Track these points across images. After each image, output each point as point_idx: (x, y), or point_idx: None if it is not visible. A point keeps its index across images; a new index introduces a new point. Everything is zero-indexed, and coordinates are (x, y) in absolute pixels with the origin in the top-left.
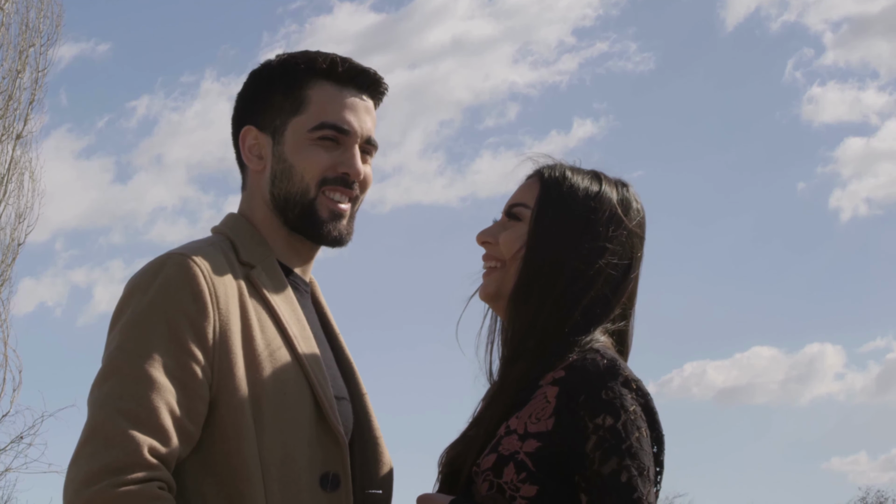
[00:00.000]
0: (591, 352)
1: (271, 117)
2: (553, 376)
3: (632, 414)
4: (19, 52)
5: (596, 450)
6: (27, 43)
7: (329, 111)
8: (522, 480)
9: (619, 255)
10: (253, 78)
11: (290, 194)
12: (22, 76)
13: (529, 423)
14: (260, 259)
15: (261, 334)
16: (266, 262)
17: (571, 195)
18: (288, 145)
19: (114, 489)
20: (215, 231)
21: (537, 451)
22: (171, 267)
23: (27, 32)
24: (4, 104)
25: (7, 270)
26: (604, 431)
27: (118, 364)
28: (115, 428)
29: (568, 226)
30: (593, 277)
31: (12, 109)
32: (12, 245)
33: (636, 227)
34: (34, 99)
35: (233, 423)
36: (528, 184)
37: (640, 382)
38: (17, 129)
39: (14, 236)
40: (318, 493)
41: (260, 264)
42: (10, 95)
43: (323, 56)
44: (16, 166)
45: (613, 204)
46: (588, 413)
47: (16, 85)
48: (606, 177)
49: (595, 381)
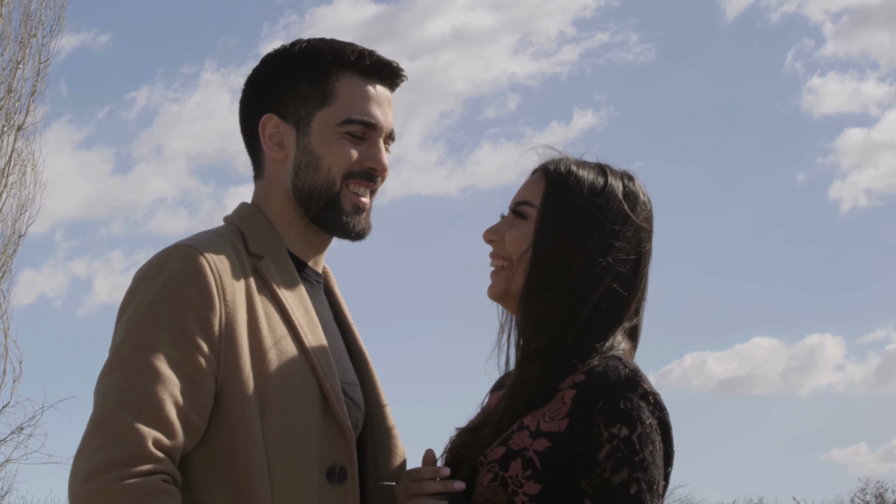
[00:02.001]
0: (612, 359)
1: (295, 107)
2: (573, 380)
3: (647, 427)
4: (20, 42)
5: (608, 459)
6: (28, 34)
7: (357, 106)
8: (527, 477)
9: (627, 251)
10: (271, 64)
11: (316, 186)
12: (23, 67)
13: (542, 422)
14: (269, 250)
15: (267, 326)
16: (276, 252)
17: (577, 192)
18: (314, 137)
19: (118, 482)
20: (227, 220)
21: (547, 450)
22: (177, 259)
23: (29, 23)
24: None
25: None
26: (618, 441)
27: (124, 356)
28: (119, 421)
29: (574, 223)
30: (602, 274)
31: (13, 101)
32: (13, 237)
33: (643, 222)
34: (35, 90)
35: (238, 415)
36: (533, 180)
37: (659, 396)
38: (18, 120)
39: (15, 228)
40: (324, 485)
41: (269, 255)
42: (10, 87)
43: (350, 47)
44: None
45: (619, 199)
46: (604, 421)
47: (16, 76)
48: (612, 170)
49: (614, 390)
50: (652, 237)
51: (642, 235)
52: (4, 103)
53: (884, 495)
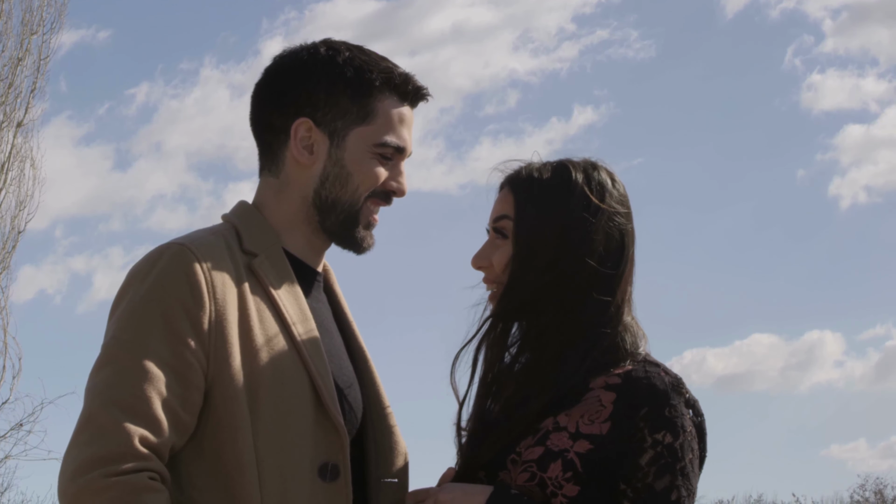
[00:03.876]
0: (651, 364)
1: (333, 118)
2: (606, 381)
3: (689, 434)
4: (21, 39)
5: (652, 464)
6: (29, 30)
7: (393, 128)
8: (567, 479)
9: (608, 238)
10: (310, 69)
11: (341, 200)
12: (23, 64)
13: (582, 424)
14: (264, 247)
15: (259, 324)
16: (271, 250)
17: (542, 196)
18: (349, 152)
19: (104, 479)
20: (224, 218)
21: (588, 452)
22: (168, 257)
23: (30, 20)
24: (5, 92)
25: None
26: (662, 448)
27: (114, 353)
28: (107, 418)
29: (548, 227)
30: (591, 268)
31: (13, 97)
32: (12, 233)
33: (617, 205)
34: (35, 87)
35: (228, 412)
36: (503, 195)
37: (698, 403)
38: (18, 116)
39: (14, 224)
40: (316, 483)
41: (263, 252)
42: (10, 83)
43: (395, 70)
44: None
45: (585, 192)
46: (648, 427)
47: (17, 72)
48: (574, 163)
49: (659, 397)
50: (631, 217)
51: (618, 220)
52: (4, 99)
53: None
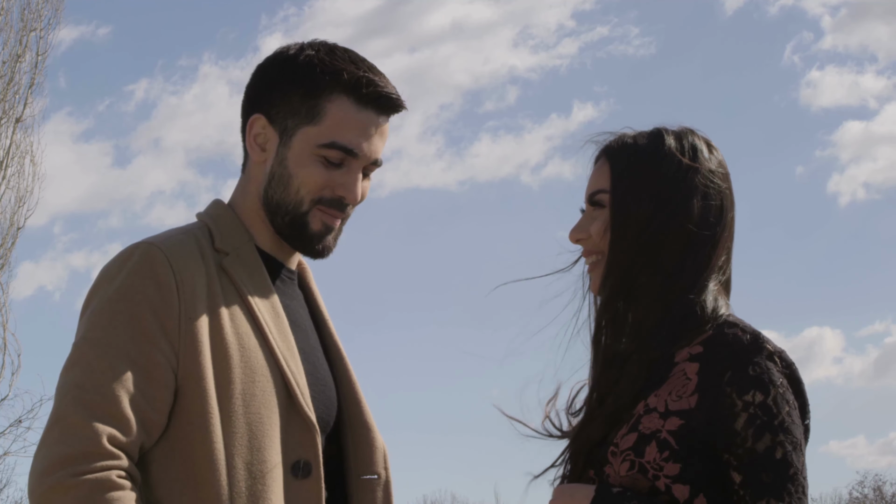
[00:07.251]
0: (728, 325)
1: (284, 115)
2: (689, 352)
3: (780, 387)
4: (20, 36)
5: (748, 427)
6: (28, 27)
7: (342, 132)
8: (665, 459)
9: (704, 201)
10: (274, 65)
11: (284, 202)
12: (22, 60)
13: (670, 401)
14: (235, 246)
15: (230, 322)
16: (243, 249)
17: (638, 163)
18: (293, 152)
19: (71, 479)
20: (198, 217)
21: (680, 428)
22: (137, 256)
23: (28, 16)
24: (4, 88)
25: (7, 254)
26: (754, 408)
27: (82, 353)
28: (76, 417)
29: (643, 190)
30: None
31: (12, 93)
32: (12, 229)
33: (717, 167)
34: (34, 83)
35: (198, 411)
36: (598, 167)
37: (784, 353)
38: (17, 112)
39: (14, 220)
40: (289, 480)
41: (234, 251)
42: (10, 79)
43: (350, 71)
44: (16, 150)
45: (676, 154)
46: (736, 390)
47: (16, 69)
48: (668, 130)
49: (741, 357)
50: (729, 181)
51: (716, 182)
52: (4, 96)
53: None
